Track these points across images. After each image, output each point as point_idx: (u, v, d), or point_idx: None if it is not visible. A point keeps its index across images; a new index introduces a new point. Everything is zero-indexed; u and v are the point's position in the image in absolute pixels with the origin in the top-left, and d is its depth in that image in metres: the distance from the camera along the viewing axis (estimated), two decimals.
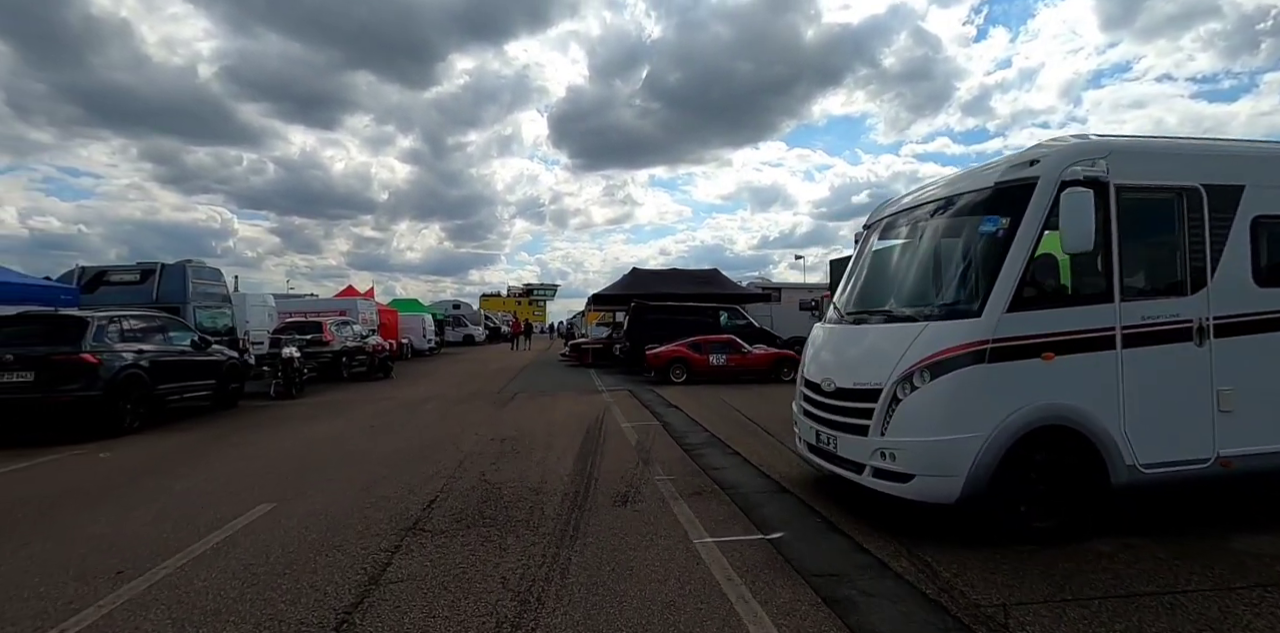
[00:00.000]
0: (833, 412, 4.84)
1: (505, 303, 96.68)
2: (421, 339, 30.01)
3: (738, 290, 22.28)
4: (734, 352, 15.27)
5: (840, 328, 5.43)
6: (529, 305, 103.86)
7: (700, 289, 21.38)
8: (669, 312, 18.73)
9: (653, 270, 23.03)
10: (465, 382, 16.62)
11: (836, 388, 4.82)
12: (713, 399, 12.04)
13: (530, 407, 11.30)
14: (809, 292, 26.04)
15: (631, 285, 21.55)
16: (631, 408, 11.07)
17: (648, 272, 22.84)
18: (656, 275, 22.39)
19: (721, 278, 22.95)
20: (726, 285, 22.54)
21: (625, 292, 20.95)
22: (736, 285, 23.61)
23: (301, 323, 17.56)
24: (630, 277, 22.33)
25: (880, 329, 4.86)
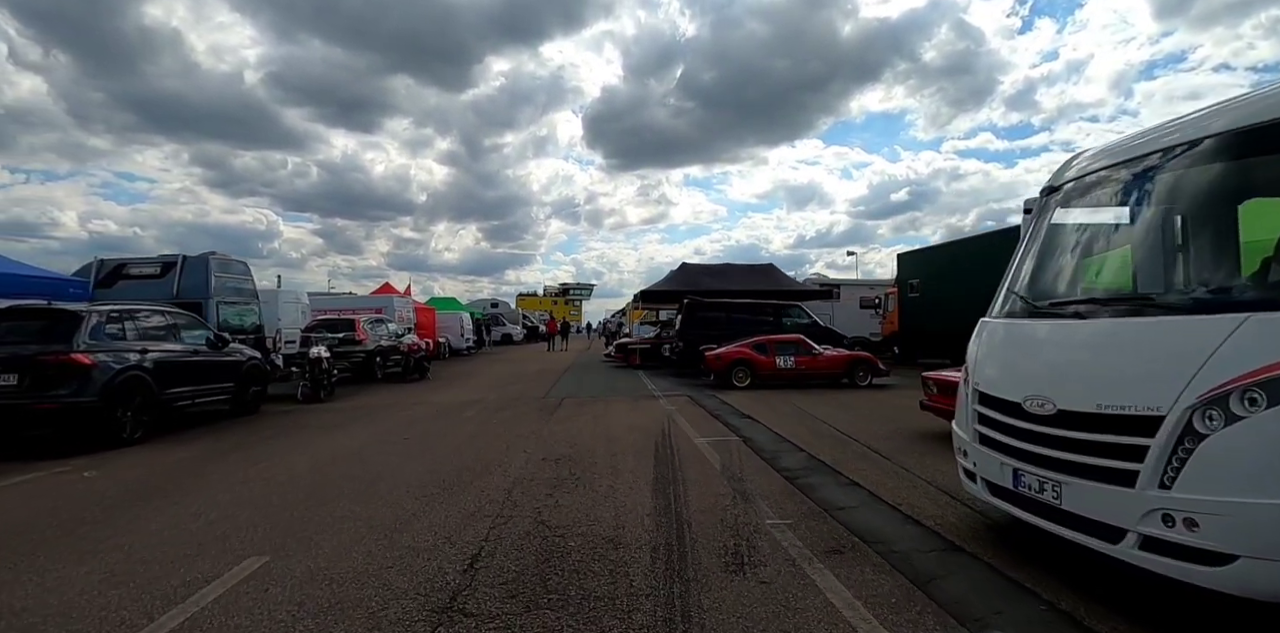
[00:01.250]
0: (1055, 445, 3.30)
1: (542, 302, 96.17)
2: (459, 338, 29.03)
3: (796, 287, 20.64)
4: (803, 353, 13.69)
5: (1044, 325, 3.88)
6: (565, 305, 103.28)
7: (755, 285, 19.80)
8: (725, 309, 17.21)
9: (704, 265, 21.55)
10: (506, 384, 15.35)
11: (1060, 411, 3.28)
12: (788, 407, 10.51)
13: (581, 415, 9.92)
14: (870, 289, 24.28)
15: (681, 281, 20.08)
16: (698, 418, 9.61)
17: (698, 267, 21.35)
18: (708, 271, 20.87)
19: (778, 273, 21.33)
20: (783, 281, 20.90)
21: (675, 288, 19.50)
22: (794, 281, 21.94)
23: (333, 321, 16.54)
24: (679, 272, 20.85)
25: (1141, 326, 3.28)
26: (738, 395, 12.23)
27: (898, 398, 11.71)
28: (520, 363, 23.76)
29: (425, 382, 16.36)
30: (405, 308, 23.85)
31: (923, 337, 19.05)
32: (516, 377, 17.56)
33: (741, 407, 10.68)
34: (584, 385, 14.87)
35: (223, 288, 12.70)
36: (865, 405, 10.79)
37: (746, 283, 20.08)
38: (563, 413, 10.22)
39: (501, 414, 10.14)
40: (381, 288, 26.85)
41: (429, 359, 17.59)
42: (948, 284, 17.52)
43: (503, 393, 13.34)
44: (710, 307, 17.21)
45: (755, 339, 13.98)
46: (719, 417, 9.65)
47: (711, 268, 21.23)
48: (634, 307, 23.96)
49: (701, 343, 16.70)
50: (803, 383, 13.71)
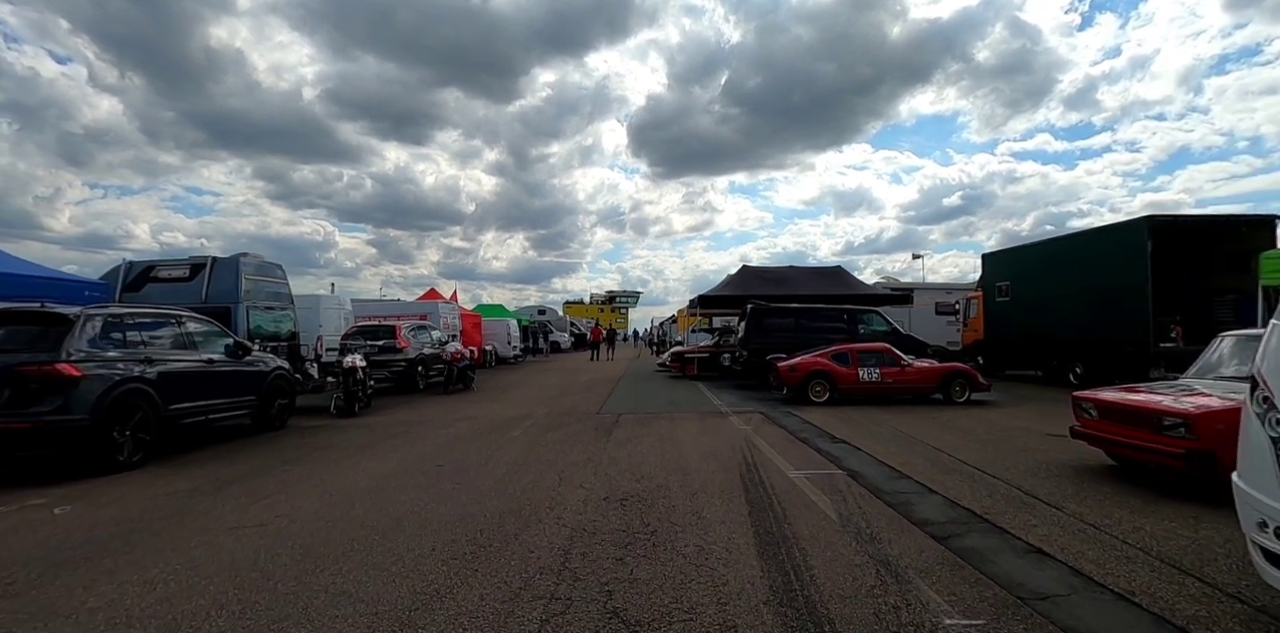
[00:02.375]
0: None
1: (589, 310, 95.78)
2: (506, 346, 28.09)
3: (866, 290, 18.89)
4: (890, 364, 12.04)
5: None
6: (612, 312, 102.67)
7: (822, 290, 18.16)
8: (794, 315, 15.64)
9: (766, 268, 19.94)
10: (556, 397, 14.09)
11: None
12: (884, 429, 8.93)
13: (643, 436, 8.54)
14: (947, 293, 22.34)
15: (741, 286, 18.57)
16: (781, 441, 8.13)
17: (760, 270, 19.78)
18: (770, 274, 19.31)
19: (847, 276, 19.60)
20: (853, 285, 19.17)
21: (735, 293, 18.00)
22: (864, 284, 20.16)
23: (373, 327, 15.60)
24: (739, 276, 19.34)
25: None
26: (818, 413, 10.67)
27: (1012, 418, 9.98)
28: (570, 373, 22.56)
29: (469, 393, 15.24)
30: (450, 314, 22.96)
31: (1012, 346, 17.13)
32: (567, 388, 16.32)
33: (828, 427, 9.14)
34: (641, 399, 13.50)
35: (254, 292, 11.81)
36: (977, 428, 9.12)
37: (812, 287, 18.46)
38: (622, 433, 8.86)
39: (552, 434, 8.84)
40: (427, 294, 26.09)
41: (474, 368, 16.51)
42: (1045, 287, 15.62)
43: (553, 407, 12.07)
44: (777, 312, 15.66)
45: (835, 348, 12.40)
46: (806, 441, 8.14)
47: (774, 271, 19.65)
48: (690, 312, 22.48)
49: (767, 352, 15.18)
50: (889, 399, 12.06)
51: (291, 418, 10.26)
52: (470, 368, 16.08)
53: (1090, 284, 13.87)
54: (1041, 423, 9.31)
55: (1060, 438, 7.41)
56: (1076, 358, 14.72)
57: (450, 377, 15.10)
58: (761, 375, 15.25)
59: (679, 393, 14.60)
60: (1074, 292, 14.42)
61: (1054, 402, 12.09)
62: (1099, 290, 13.60)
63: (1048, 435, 8.18)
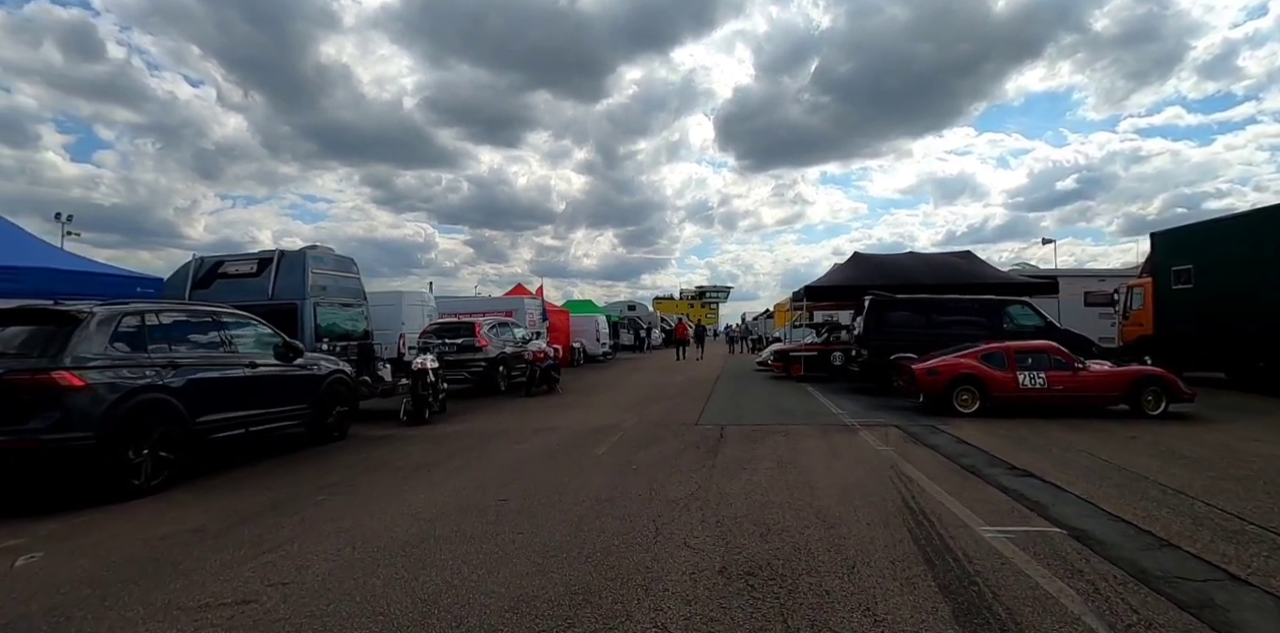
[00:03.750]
0: None
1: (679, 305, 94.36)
2: (595, 343, 26.90)
3: (1004, 278, 16.20)
4: (1058, 367, 9.71)
5: None
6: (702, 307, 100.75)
7: (950, 278, 15.65)
8: (923, 308, 13.38)
9: (883, 255, 17.57)
10: (648, 402, 12.55)
11: None
12: (1075, 455, 6.81)
13: (759, 460, 6.82)
14: (1099, 281, 19.20)
15: (854, 275, 16.36)
16: (942, 471, 6.20)
17: (876, 257, 17.45)
18: (888, 261, 16.96)
19: (979, 262, 16.95)
20: (987, 272, 16.50)
21: (849, 282, 15.84)
22: (999, 271, 17.44)
23: (451, 325, 14.58)
24: (852, 264, 17.11)
25: None
26: (972, 429, 8.58)
27: (1243, 439, 7.56)
28: (661, 372, 21.02)
29: (553, 395, 13.96)
30: (536, 310, 21.93)
31: (1192, 342, 14.10)
32: (659, 391, 14.75)
33: (996, 450, 7.10)
34: (745, 406, 11.74)
35: (323, 287, 10.88)
36: (1208, 456, 6.84)
37: (938, 275, 15.98)
38: (730, 454, 7.18)
39: (644, 454, 7.27)
40: (514, 289, 25.26)
41: (559, 368, 15.26)
42: (1251, 271, 12.61)
43: (644, 415, 10.52)
44: (902, 305, 13.45)
45: (985, 347, 10.18)
46: (976, 471, 6.17)
47: (892, 258, 17.28)
48: (793, 306, 20.41)
49: (890, 351, 13.04)
50: (1056, 410, 9.75)
51: (357, 426, 9.23)
52: (555, 368, 14.81)
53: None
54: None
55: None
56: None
57: (533, 378, 13.86)
58: (882, 378, 13.14)
59: (788, 398, 12.73)
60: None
61: None
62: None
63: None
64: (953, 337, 12.35)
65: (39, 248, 8.50)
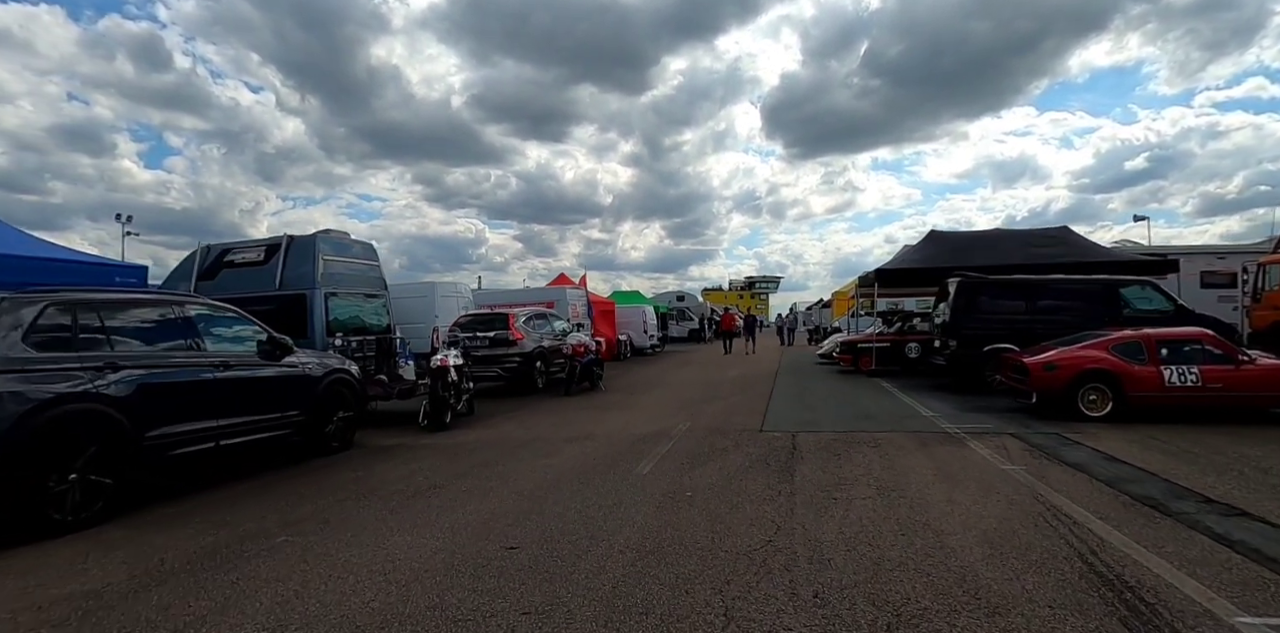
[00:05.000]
0: None
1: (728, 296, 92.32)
2: (642, 335, 25.48)
3: (1110, 257, 14.06)
4: (1216, 361, 7.81)
5: None
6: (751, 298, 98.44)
7: (1045, 258, 13.61)
8: (1023, 291, 11.47)
9: (963, 233, 15.56)
10: (700, 401, 11.06)
11: None
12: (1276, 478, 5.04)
13: (851, 484, 5.27)
14: (1219, 259, 16.77)
15: (932, 256, 14.44)
16: (1104, 503, 4.55)
17: (955, 235, 15.41)
18: (971, 240, 14.94)
19: (1078, 239, 14.75)
20: (1090, 249, 14.33)
21: (929, 264, 13.95)
22: (1105, 248, 15.24)
23: (485, 316, 13.35)
24: (928, 244, 15.16)
25: None
26: (1113, 439, 6.81)
27: None
28: (713, 366, 19.46)
29: (595, 394, 12.60)
30: (579, 301, 20.62)
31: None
32: (713, 388, 13.23)
33: (1165, 472, 5.38)
34: (815, 407, 10.12)
35: (335, 276, 9.71)
36: None
37: (1029, 255, 13.92)
38: (810, 473, 5.64)
39: (700, 473, 5.79)
40: (557, 279, 24.02)
41: (601, 363, 13.89)
42: None
43: (697, 418, 9.03)
44: (999, 288, 11.57)
45: (1119, 336, 8.31)
46: (1163, 508, 4.48)
47: (976, 236, 15.26)
48: (860, 293, 18.54)
49: (985, 341, 11.26)
50: (1206, 414, 7.86)
51: (369, 432, 8.05)
52: (597, 363, 13.45)
53: None
54: None
55: None
56: None
57: (572, 374, 12.52)
58: (973, 373, 11.33)
59: (864, 397, 11.04)
60: None
61: None
62: None
63: None
64: (1059, 325, 10.49)
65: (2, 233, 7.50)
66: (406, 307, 15.65)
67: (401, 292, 16.28)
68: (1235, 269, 15.89)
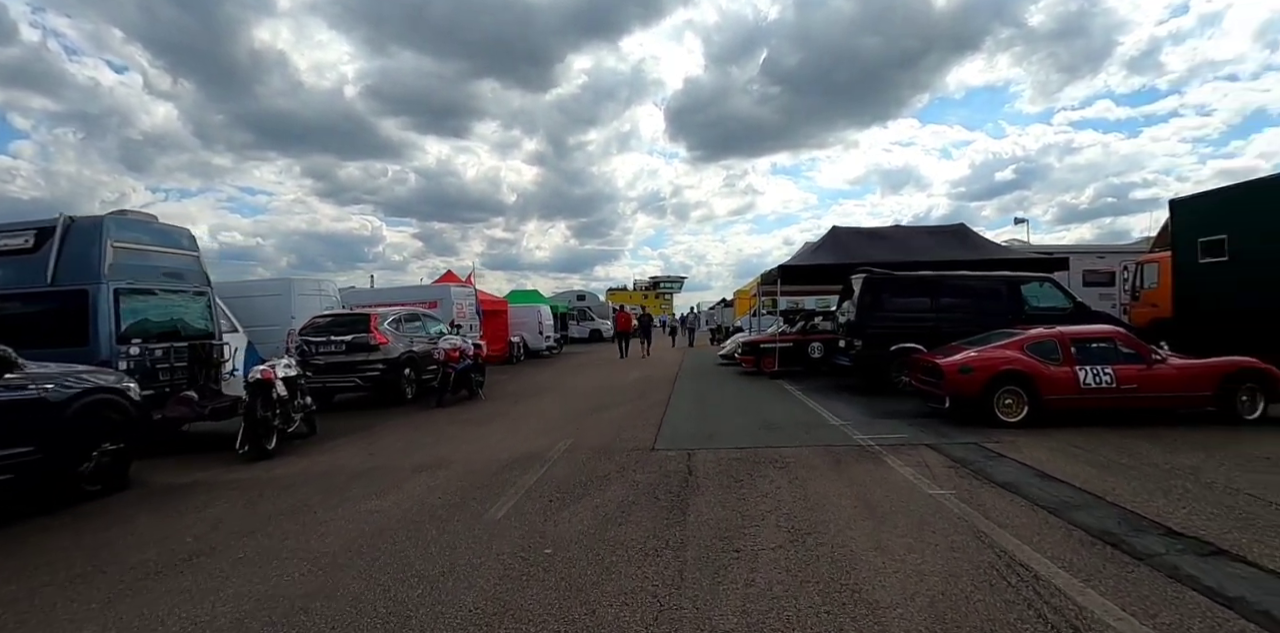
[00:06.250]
0: None
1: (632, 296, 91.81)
2: (538, 337, 23.97)
3: (1008, 254, 14.00)
4: (1129, 360, 7.37)
5: None
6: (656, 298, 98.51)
7: (945, 255, 13.35)
8: (928, 288, 10.96)
9: (865, 229, 15.09)
10: (590, 412, 9.83)
11: None
12: (1233, 498, 4.39)
13: (758, 525, 4.19)
14: (1099, 258, 17.25)
15: (835, 251, 13.89)
16: (1058, 542, 3.68)
17: (857, 231, 14.94)
18: (872, 236, 14.49)
19: (975, 236, 14.64)
20: (987, 247, 14.23)
21: (833, 260, 13.35)
22: (1001, 246, 15.22)
23: (342, 318, 11.54)
24: (831, 239, 14.59)
25: None
26: (1036, 448, 6.13)
27: None
28: (612, 368, 18.32)
29: (474, 404, 11.12)
30: (467, 300, 18.94)
31: (1227, 324, 12.06)
32: (607, 394, 12.03)
33: (1107, 492, 4.64)
34: (714, 415, 9.11)
35: (129, 267, 7.78)
36: None
37: (931, 251, 13.66)
38: (707, 510, 4.52)
39: (570, 515, 4.55)
40: (442, 277, 22.14)
41: (482, 369, 12.40)
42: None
43: (582, 434, 7.80)
44: (904, 284, 11.01)
45: (1033, 334, 7.76)
46: (1124, 546, 3.66)
47: (878, 232, 14.84)
48: (761, 291, 17.88)
49: (892, 340, 10.67)
50: (1124, 417, 7.42)
51: (173, 462, 6.30)
52: (476, 368, 11.95)
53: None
54: None
55: None
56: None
57: (445, 383, 10.95)
58: (879, 374, 10.74)
59: (769, 402, 10.15)
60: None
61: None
62: None
63: None
64: (964, 323, 10.04)
65: None
66: (257, 307, 13.57)
67: (249, 289, 14.15)
68: (1114, 268, 16.37)
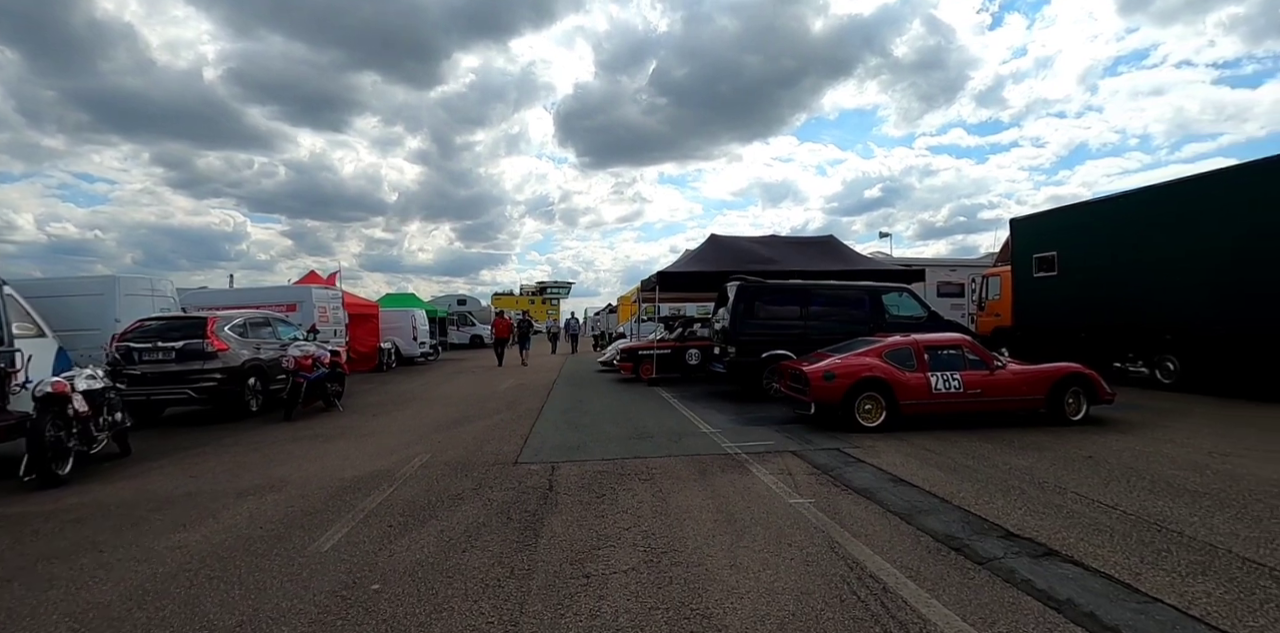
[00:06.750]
0: None
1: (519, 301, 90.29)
2: (412, 343, 22.77)
3: (874, 265, 14.74)
4: (974, 367, 7.83)
5: None
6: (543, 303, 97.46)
7: (814, 264, 13.88)
8: (799, 296, 11.26)
9: (743, 238, 15.40)
10: (455, 424, 9.28)
11: None
12: (1063, 498, 4.65)
13: (613, 545, 3.94)
14: (951, 271, 18.58)
15: (713, 259, 14.08)
16: (906, 549, 3.70)
17: (735, 240, 15.23)
18: (750, 245, 14.83)
19: (844, 248, 15.34)
20: (854, 258, 14.94)
21: (710, 268, 13.49)
22: (867, 258, 16.03)
23: (174, 322, 10.27)
24: (709, 247, 14.79)
25: None
26: (893, 453, 6.33)
27: (1211, 455, 5.84)
28: (487, 375, 17.64)
29: (330, 416, 10.23)
30: (331, 303, 17.64)
31: (1056, 334, 13.32)
32: (476, 403, 11.47)
33: (953, 496, 4.79)
34: (585, 424, 8.84)
35: None
36: (1218, 487, 4.99)
37: (803, 261, 14.15)
38: (561, 530, 4.23)
39: (411, 542, 4.11)
40: (304, 277, 20.54)
41: (342, 378, 11.47)
42: (1121, 257, 11.82)
43: (443, 447, 7.29)
44: (777, 293, 11.25)
45: (891, 342, 8.07)
46: (968, 551, 3.73)
47: (755, 241, 15.19)
48: (641, 298, 17.86)
49: (764, 347, 10.87)
50: (972, 420, 7.86)
51: None
52: (334, 377, 11.03)
53: (1212, 249, 10.06)
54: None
55: None
56: (1172, 350, 10.99)
57: (295, 394, 9.97)
58: (752, 380, 10.91)
59: (643, 411, 10.01)
60: (1186, 260, 10.55)
61: (1211, 417, 8.19)
62: (1229, 258, 9.81)
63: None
64: (831, 331, 10.42)
65: None
66: (74, 308, 11.89)
67: (64, 288, 12.40)
68: (964, 281, 17.70)
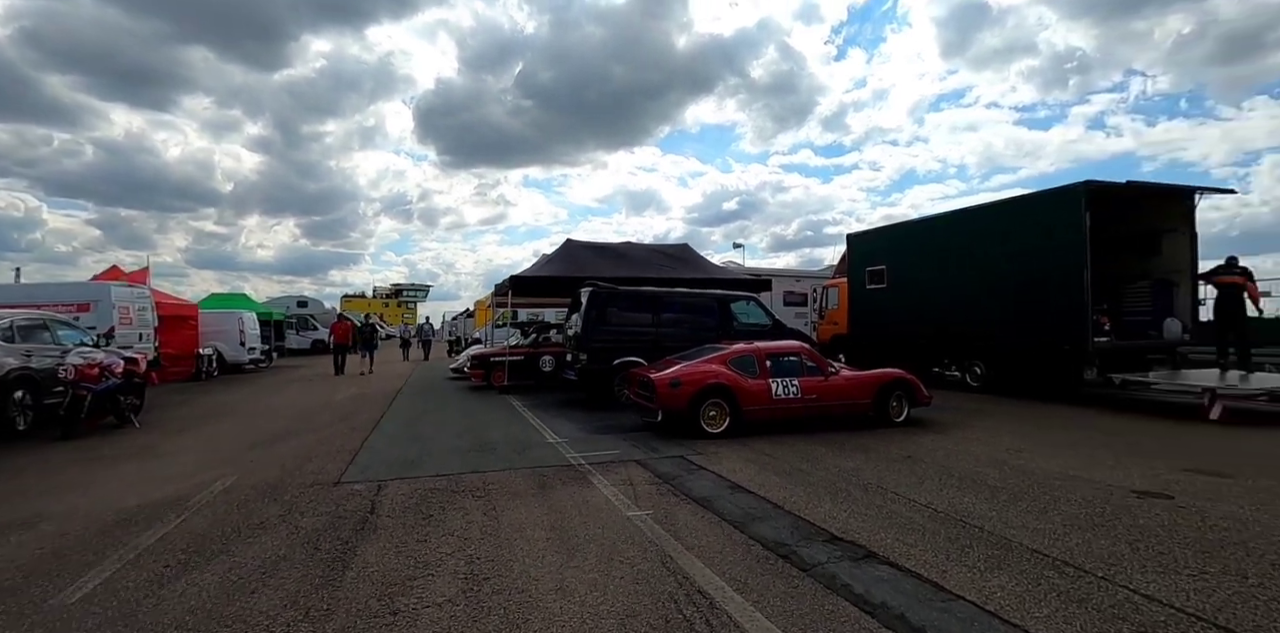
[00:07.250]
0: None
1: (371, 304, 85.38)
2: (238, 348, 20.57)
3: (723, 274, 15.20)
4: (810, 373, 8.20)
5: None
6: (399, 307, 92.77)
7: (668, 272, 14.13)
8: (651, 303, 11.34)
9: (598, 244, 15.27)
10: (273, 440, 8.37)
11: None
12: (883, 498, 4.92)
13: (432, 574, 3.61)
14: (795, 281, 19.64)
15: (567, 265, 13.89)
16: (736, 560, 3.70)
17: (589, 245, 15.09)
18: (603, 251, 14.76)
19: (697, 257, 15.71)
20: (707, 267, 15.34)
21: (564, 273, 13.28)
22: (719, 267, 16.51)
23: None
24: (565, 251, 14.56)
25: None
26: (733, 459, 6.44)
27: (1010, 452, 6.48)
28: (323, 385, 16.29)
29: (122, 434, 8.88)
30: (137, 303, 15.48)
31: (885, 342, 14.45)
32: (304, 417, 10.48)
33: (786, 501, 4.91)
34: (425, 436, 8.30)
35: None
36: (1014, 483, 5.49)
37: (658, 268, 14.35)
38: (375, 558, 3.83)
39: (188, 585, 3.53)
40: (104, 273, 17.95)
41: (141, 388, 10.03)
42: (937, 271, 13.00)
43: (253, 468, 6.50)
44: (628, 299, 11.25)
45: (735, 349, 8.26)
46: (794, 557, 3.79)
47: (608, 247, 15.16)
48: (495, 302, 17.27)
49: (615, 354, 10.83)
50: (809, 423, 8.23)
51: None
52: (131, 389, 9.62)
53: (1008, 268, 11.29)
54: (1067, 459, 5.94)
55: (1165, 500, 3.90)
56: (979, 356, 12.24)
57: (75, 409, 8.55)
58: (603, 387, 10.83)
59: (490, 421, 9.58)
60: (981, 277, 11.82)
61: (1010, 417, 9.12)
62: (1019, 275, 11.06)
63: (1136, 495, 4.77)
64: (681, 338, 10.61)
65: None
66: None
67: None
68: (808, 291, 18.81)
